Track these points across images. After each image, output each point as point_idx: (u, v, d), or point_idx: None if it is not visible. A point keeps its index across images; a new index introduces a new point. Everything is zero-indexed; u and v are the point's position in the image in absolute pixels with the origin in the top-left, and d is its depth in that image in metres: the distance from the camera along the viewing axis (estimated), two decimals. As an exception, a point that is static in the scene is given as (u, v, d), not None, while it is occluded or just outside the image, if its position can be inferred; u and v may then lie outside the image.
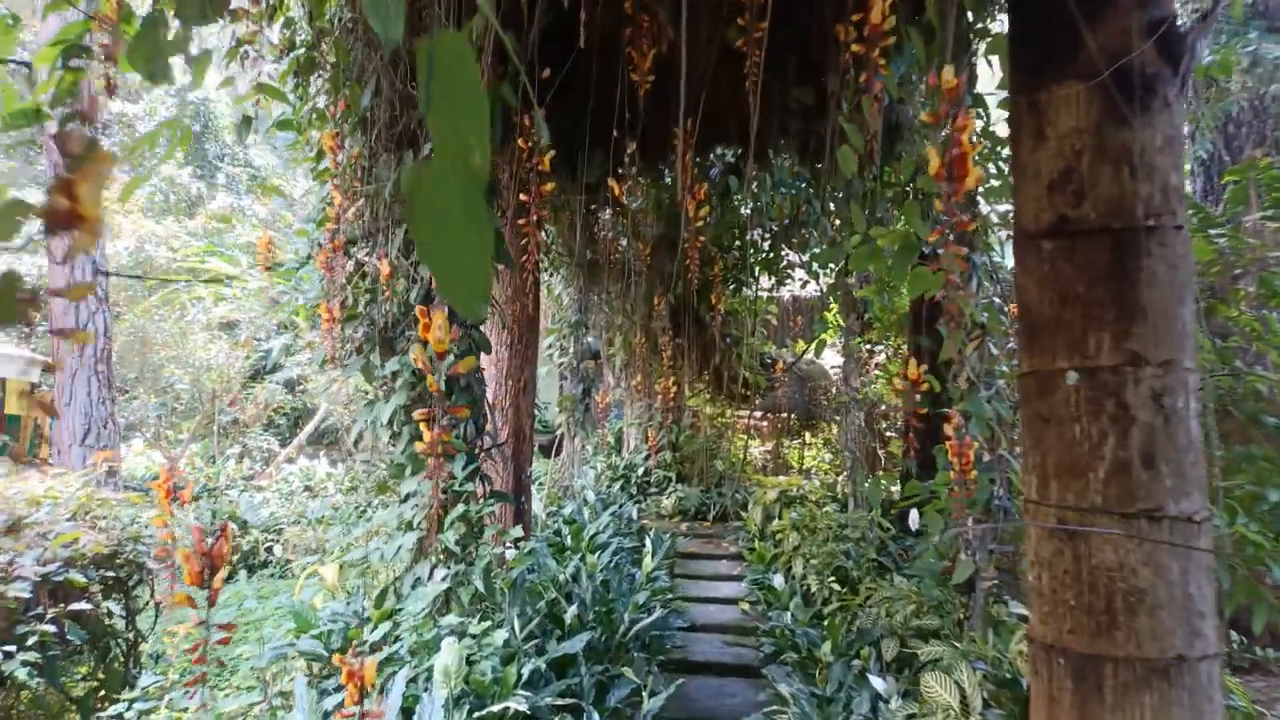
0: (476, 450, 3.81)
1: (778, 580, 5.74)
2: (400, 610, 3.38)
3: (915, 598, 4.27)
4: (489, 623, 3.29)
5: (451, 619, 3.15)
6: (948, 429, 2.98)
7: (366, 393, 3.97)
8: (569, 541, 5.99)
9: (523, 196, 3.19)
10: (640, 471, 10.47)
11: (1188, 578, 1.95)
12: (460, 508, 3.50)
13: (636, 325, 9.01)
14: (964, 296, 3.56)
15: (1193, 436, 2.01)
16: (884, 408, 10.11)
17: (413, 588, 3.54)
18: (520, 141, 3.24)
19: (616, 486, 10.12)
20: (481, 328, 4.12)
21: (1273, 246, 4.38)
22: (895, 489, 9.23)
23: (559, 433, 7.48)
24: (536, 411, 14.00)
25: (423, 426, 3.21)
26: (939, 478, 3.78)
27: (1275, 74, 5.30)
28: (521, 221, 3.19)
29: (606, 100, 4.52)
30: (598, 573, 5.10)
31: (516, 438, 5.58)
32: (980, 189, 3.55)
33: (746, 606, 5.76)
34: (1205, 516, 1.99)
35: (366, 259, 3.60)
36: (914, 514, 6.11)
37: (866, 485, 6.75)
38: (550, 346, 7.91)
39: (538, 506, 7.11)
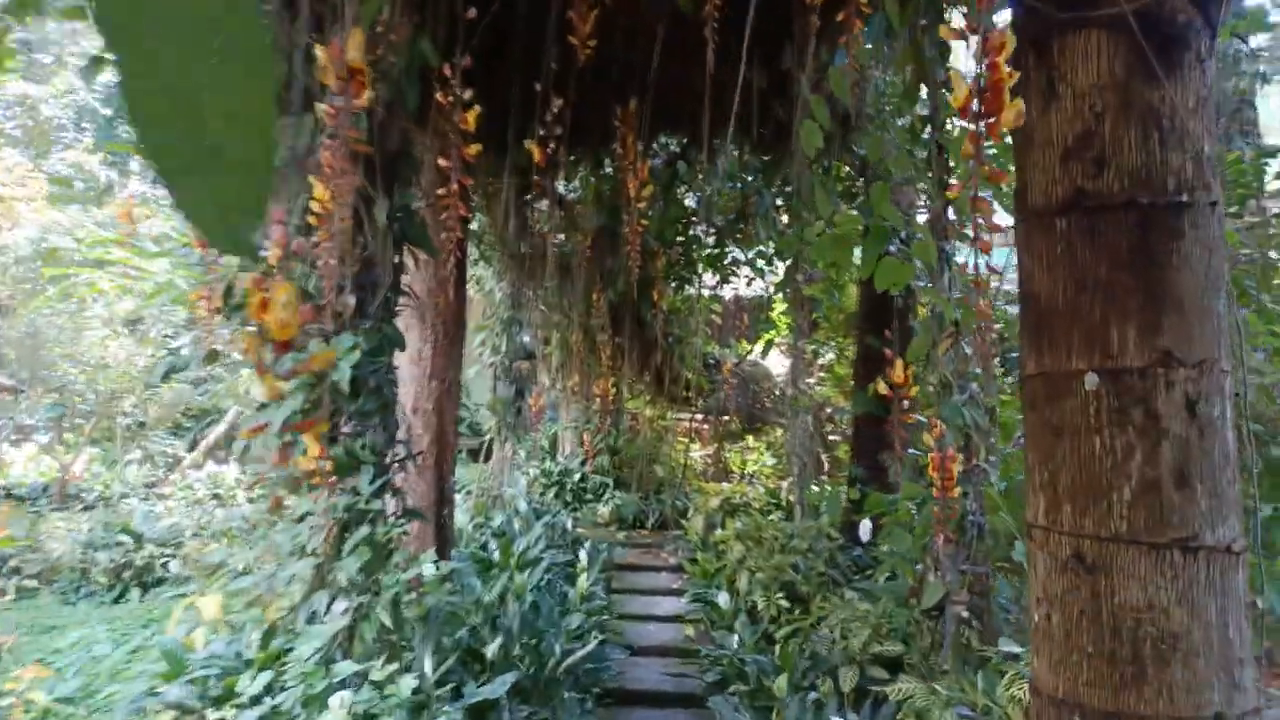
0: (388, 461, 3.35)
1: (722, 598, 5.41)
2: (290, 651, 2.90)
3: (873, 619, 3.97)
4: (395, 665, 2.84)
5: (346, 666, 2.69)
6: (928, 439, 2.68)
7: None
8: (496, 557, 5.54)
9: (442, 162, 2.75)
10: (576, 477, 10.05)
11: (1226, 619, 1.66)
12: (363, 529, 3.04)
13: (574, 323, 8.59)
14: (937, 290, 3.28)
15: (1229, 450, 1.72)
16: (829, 411, 9.93)
17: (308, 623, 3.06)
18: (440, 96, 2.81)
19: (551, 494, 9.67)
20: (397, 321, 3.67)
21: (1241, 244, 4.24)
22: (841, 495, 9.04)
23: (488, 437, 7.02)
24: (468, 413, 13.45)
25: (308, 439, 2.74)
26: (905, 490, 3.49)
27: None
28: (441, 193, 2.76)
29: (540, 71, 4.11)
30: (527, 594, 4.67)
31: (439, 444, 5.11)
32: (954, 166, 3.27)
33: (690, 631, 5.39)
34: (1243, 546, 1.71)
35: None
36: (865, 525, 5.86)
37: (822, 494, 6.49)
38: (480, 344, 7.44)
39: (463, 518, 6.63)
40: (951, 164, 3.46)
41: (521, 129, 5.32)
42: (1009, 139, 2.05)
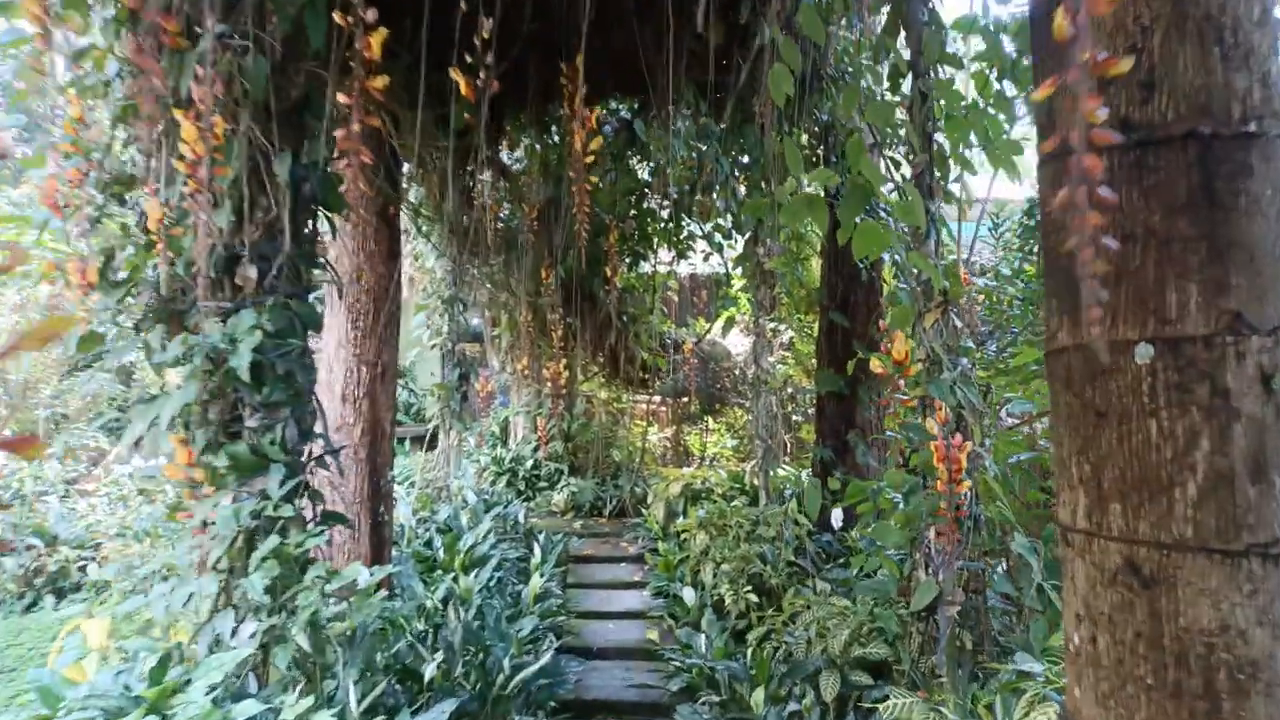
0: (304, 459, 2.94)
1: (687, 593, 5.11)
2: (189, 684, 2.50)
3: (853, 618, 3.70)
4: (313, 698, 2.45)
5: (247, 707, 2.29)
6: (931, 425, 2.37)
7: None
8: (441, 556, 5.15)
9: (341, 98, 2.33)
10: (529, 464, 9.67)
11: (1311, 640, 1.38)
12: (273, 540, 2.63)
13: (522, 302, 8.17)
14: (923, 255, 2.98)
15: (1314, 434, 1.43)
16: (790, 390, 9.70)
17: (210, 649, 2.65)
18: (338, 16, 2.37)
19: (502, 483, 9.29)
20: (315, 299, 3.24)
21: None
22: (805, 474, 8.82)
23: (432, 425, 6.60)
24: (415, 400, 12.92)
25: (175, 443, 2.32)
26: (888, 477, 3.19)
27: None
28: (340, 134, 2.34)
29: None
30: (475, 597, 4.30)
31: (372, 434, 4.69)
32: (939, 118, 2.96)
33: (653, 634, 5.07)
34: (1327, 549, 1.43)
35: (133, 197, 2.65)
36: (837, 512, 5.61)
37: (788, 479, 6.23)
38: (418, 326, 6.98)
39: (406, 512, 6.22)
40: (935, 114, 3.16)
41: (443, 57, 4.90)
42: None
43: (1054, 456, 1.66)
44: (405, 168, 6.86)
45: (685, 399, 10.55)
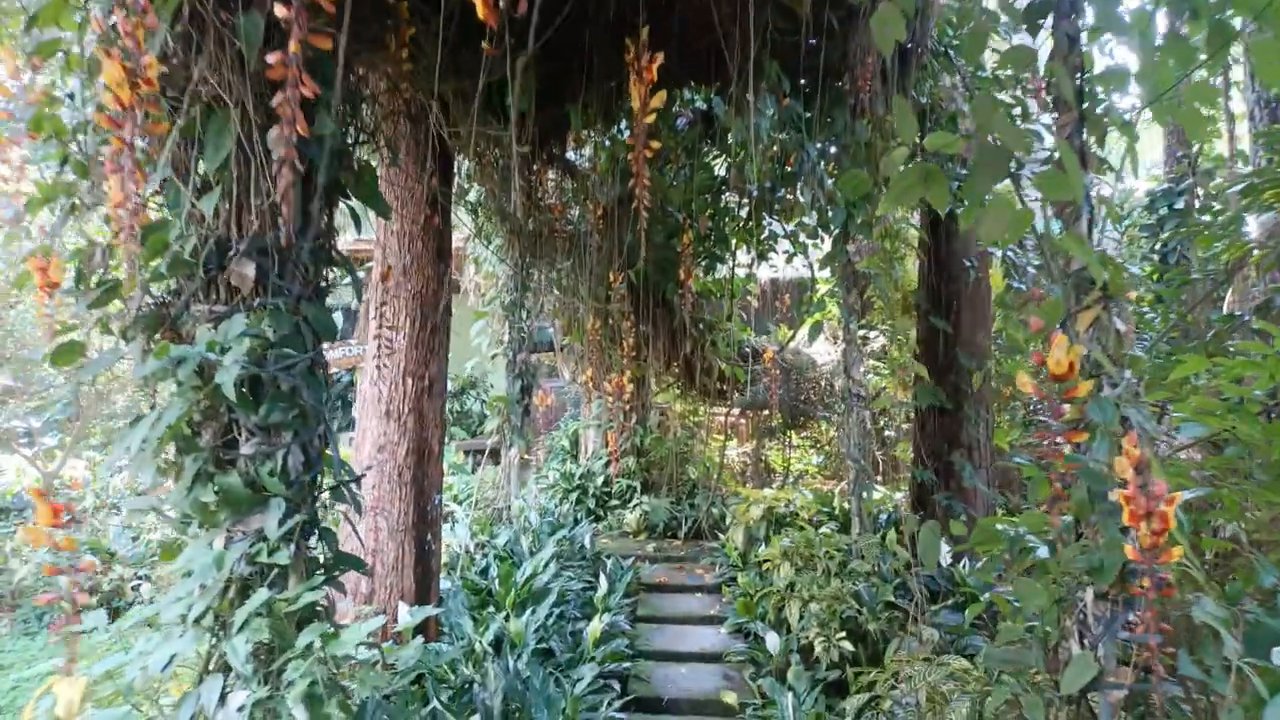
0: (311, 492, 2.49)
1: (771, 639, 4.50)
2: (163, 768, 2.07)
3: (973, 683, 3.04)
4: (302, 797, 1.99)
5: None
6: (1123, 465, 1.73)
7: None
8: (497, 587, 4.69)
9: (280, 11, 1.82)
10: (599, 481, 9.20)
11: None
12: (261, 594, 2.18)
13: (590, 308, 7.71)
14: (1075, 237, 2.33)
15: None
16: (884, 404, 8.92)
17: (194, 722, 2.22)
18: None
19: (572, 499, 8.83)
20: (334, 299, 2.80)
21: None
22: (899, 496, 8.06)
23: (491, 440, 6.19)
24: (488, 412, 12.63)
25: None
26: (1026, 519, 2.54)
27: None
28: (274, 57, 1.85)
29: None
30: (528, 638, 3.81)
31: (419, 454, 4.27)
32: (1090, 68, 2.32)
33: (729, 696, 4.46)
34: None
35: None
36: (944, 548, 4.91)
37: (899, 506, 5.56)
38: (478, 334, 6.59)
39: (463, 535, 5.80)
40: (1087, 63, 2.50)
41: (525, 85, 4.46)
42: None
43: None
44: (464, 166, 6.51)
45: (766, 412, 9.90)
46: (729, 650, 5.12)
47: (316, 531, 2.50)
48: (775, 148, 6.56)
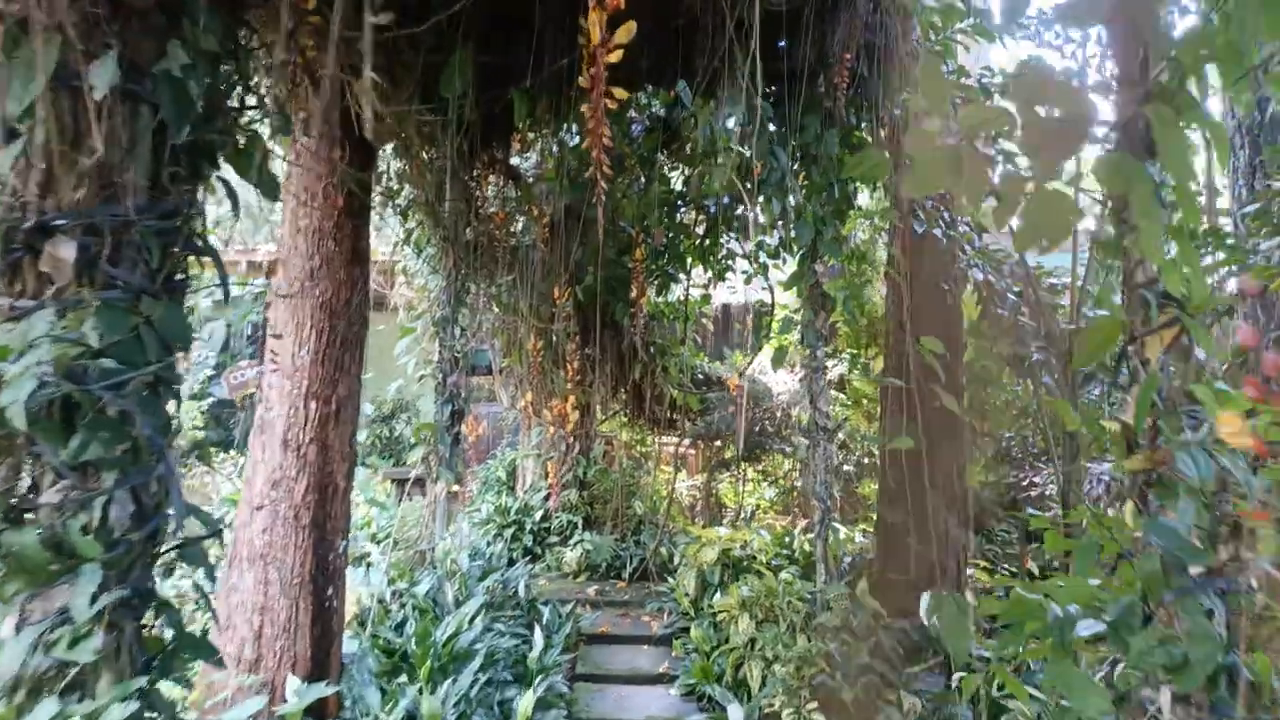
0: (150, 553, 1.89)
1: (733, 712, 3.96)
2: None
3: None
4: None
5: None
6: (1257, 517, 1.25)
7: None
8: (413, 647, 4.06)
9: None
10: (538, 516, 8.58)
11: None
12: (48, 707, 1.57)
13: (531, 327, 7.16)
14: (1150, 239, 1.90)
15: None
16: (841, 437, 8.54)
17: None
18: None
19: (507, 536, 8.19)
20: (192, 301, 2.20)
21: None
22: (863, 539, 7.64)
23: (413, 473, 5.57)
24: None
25: None
26: (1069, 590, 2.07)
27: None
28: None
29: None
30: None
31: (320, 491, 3.65)
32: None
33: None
34: None
35: None
36: (925, 601, 4.47)
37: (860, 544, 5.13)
38: (403, 353, 5.97)
39: (379, 582, 5.14)
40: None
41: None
42: None
43: None
44: (394, 166, 5.93)
45: (718, 443, 9.43)
46: (681, 718, 4.57)
47: (153, 607, 1.89)
48: (739, 156, 6.12)
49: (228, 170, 2.26)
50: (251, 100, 2.60)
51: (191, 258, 2.12)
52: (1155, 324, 1.89)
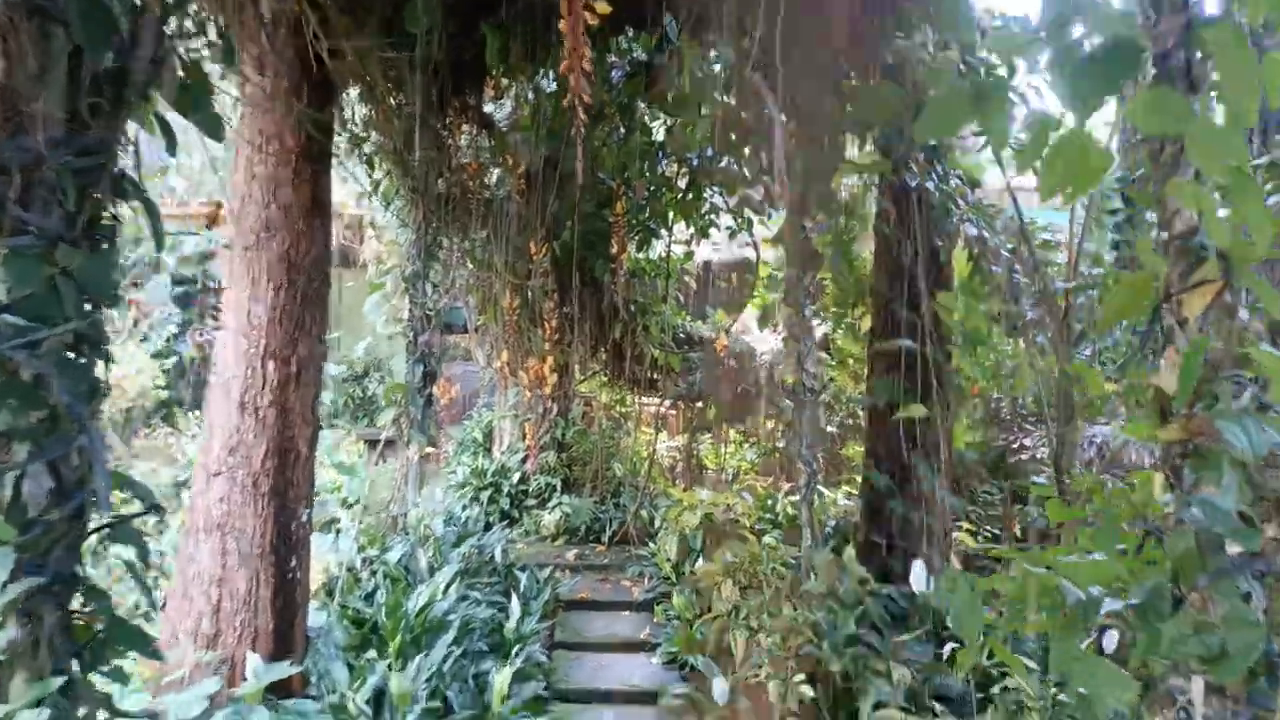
0: (74, 535, 1.69)
1: (718, 685, 3.86)
2: None
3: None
4: None
5: None
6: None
7: None
8: (384, 618, 3.90)
9: None
10: (515, 478, 8.43)
11: None
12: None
13: (507, 284, 6.92)
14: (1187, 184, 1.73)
15: None
16: (827, 398, 8.43)
17: None
18: None
19: (483, 499, 8.04)
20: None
21: None
22: (847, 502, 7.57)
23: (384, 435, 5.37)
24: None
25: None
26: (1088, 571, 1.93)
27: None
28: None
29: None
30: (416, 698, 3.07)
31: (280, 458, 3.45)
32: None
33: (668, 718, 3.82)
34: None
35: None
36: (917, 569, 4.39)
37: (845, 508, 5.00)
38: (372, 309, 5.73)
39: (348, 549, 4.96)
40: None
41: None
42: None
43: None
44: (360, 112, 5.63)
45: (700, 404, 9.29)
46: (664, 687, 4.47)
47: (79, 593, 1.70)
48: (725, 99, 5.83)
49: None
50: (191, 27, 2.35)
51: (119, 202, 1.89)
52: (1194, 280, 1.72)
